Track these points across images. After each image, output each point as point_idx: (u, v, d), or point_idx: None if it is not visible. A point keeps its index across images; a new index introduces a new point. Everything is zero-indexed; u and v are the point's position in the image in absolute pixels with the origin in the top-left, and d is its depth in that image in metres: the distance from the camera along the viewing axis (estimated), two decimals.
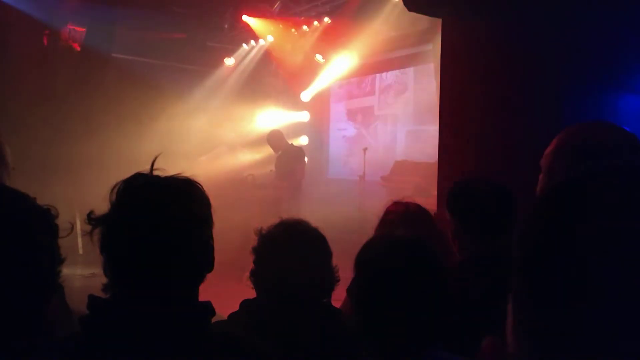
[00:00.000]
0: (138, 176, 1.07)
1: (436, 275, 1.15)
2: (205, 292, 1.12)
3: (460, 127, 2.97)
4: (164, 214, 1.02)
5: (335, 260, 1.60)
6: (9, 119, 5.58)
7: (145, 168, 1.09)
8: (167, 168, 1.12)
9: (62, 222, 0.87)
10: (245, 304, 1.48)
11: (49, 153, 6.08)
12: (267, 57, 8.87)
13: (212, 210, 1.12)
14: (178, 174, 1.11)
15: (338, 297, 2.03)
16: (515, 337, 0.57)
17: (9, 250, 0.79)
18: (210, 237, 1.11)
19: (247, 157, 8.31)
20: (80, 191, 5.71)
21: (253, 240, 1.53)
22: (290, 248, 1.47)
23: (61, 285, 1.18)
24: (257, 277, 1.50)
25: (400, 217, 1.95)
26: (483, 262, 1.63)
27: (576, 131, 1.35)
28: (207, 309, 1.05)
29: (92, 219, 1.02)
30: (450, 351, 1.16)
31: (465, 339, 1.31)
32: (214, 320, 1.09)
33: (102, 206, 1.05)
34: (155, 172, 1.09)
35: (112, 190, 1.04)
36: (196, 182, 1.11)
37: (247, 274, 1.52)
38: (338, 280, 1.56)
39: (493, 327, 1.41)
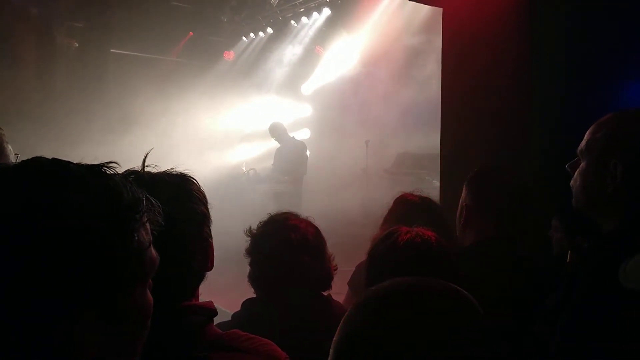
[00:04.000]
0: (129, 172, 1.00)
1: (451, 277, 1.11)
2: (209, 288, 1.09)
3: (462, 118, 2.95)
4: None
5: (337, 253, 1.58)
6: (9, 117, 5.57)
7: (147, 165, 1.03)
8: (170, 164, 1.07)
9: None
10: (246, 303, 1.47)
11: (49, 151, 6.07)
12: (267, 50, 8.83)
13: (210, 206, 1.06)
14: (171, 169, 1.05)
15: (340, 291, 2.04)
16: None
17: None
18: (209, 235, 1.06)
19: (248, 151, 8.30)
20: None
21: (246, 241, 1.50)
22: (282, 245, 1.45)
23: None
24: (254, 275, 1.49)
25: (410, 210, 1.93)
26: (493, 245, 1.61)
27: (627, 118, 1.22)
28: (208, 309, 1.01)
29: None
30: None
31: None
32: (220, 317, 1.07)
33: None
34: (149, 169, 1.02)
35: None
36: (190, 177, 1.06)
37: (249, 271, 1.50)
38: (335, 269, 1.53)
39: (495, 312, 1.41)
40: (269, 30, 8.48)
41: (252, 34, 8.74)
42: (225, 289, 2.32)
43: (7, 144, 1.55)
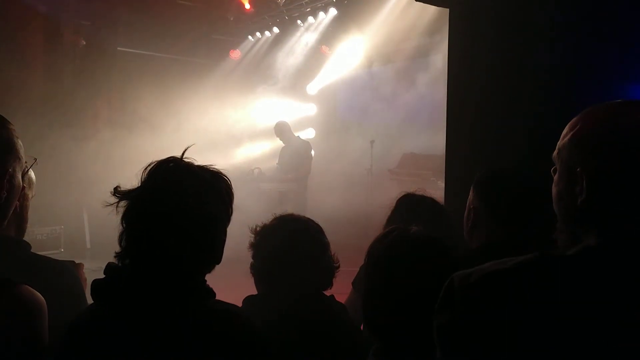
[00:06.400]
0: (170, 159, 1.12)
1: (448, 276, 1.11)
2: (211, 285, 1.13)
3: (468, 119, 2.94)
4: (186, 199, 1.07)
5: (341, 253, 1.59)
6: (17, 114, 5.61)
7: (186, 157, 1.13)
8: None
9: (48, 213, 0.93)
10: (247, 300, 1.49)
11: (57, 148, 6.10)
12: (273, 50, 8.84)
13: (235, 207, 1.15)
14: (210, 165, 1.15)
15: (344, 291, 2.04)
16: None
17: None
18: (224, 232, 1.15)
19: (253, 150, 8.31)
20: (88, 188, 5.73)
21: (250, 237, 1.56)
22: (285, 241, 1.49)
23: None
24: (256, 271, 1.52)
25: (413, 210, 1.93)
26: (501, 248, 1.59)
27: (592, 117, 1.01)
28: (207, 288, 1.09)
29: (118, 192, 1.08)
30: None
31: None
32: None
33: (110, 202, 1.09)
34: (189, 161, 1.13)
35: (145, 168, 1.10)
36: (224, 176, 1.15)
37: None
38: (337, 267, 1.55)
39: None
40: (275, 29, 8.48)
41: (258, 33, 8.75)
42: (227, 287, 2.34)
43: (17, 139, 1.56)
